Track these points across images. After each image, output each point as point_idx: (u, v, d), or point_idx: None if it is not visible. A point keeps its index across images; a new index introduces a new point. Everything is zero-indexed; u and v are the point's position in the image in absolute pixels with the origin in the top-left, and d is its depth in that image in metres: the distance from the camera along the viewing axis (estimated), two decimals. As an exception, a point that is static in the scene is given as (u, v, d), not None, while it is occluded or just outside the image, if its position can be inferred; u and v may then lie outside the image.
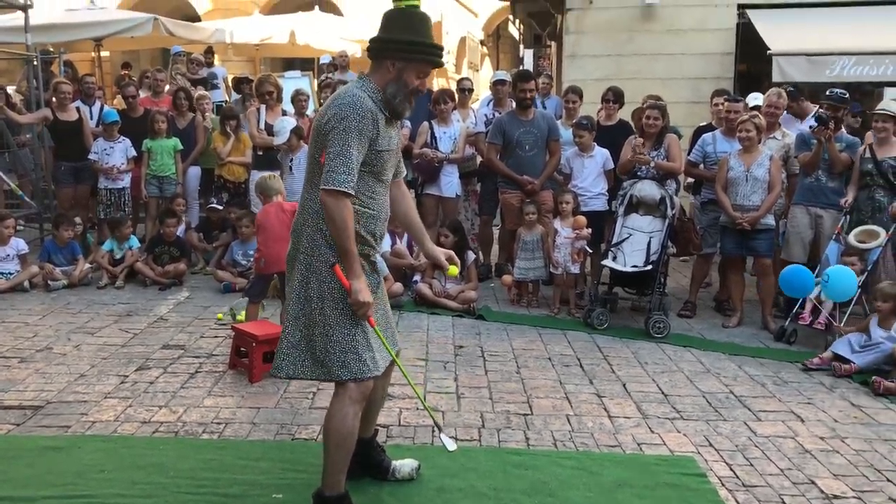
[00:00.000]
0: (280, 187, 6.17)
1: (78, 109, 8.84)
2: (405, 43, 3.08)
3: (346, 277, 3.06)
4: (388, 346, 3.29)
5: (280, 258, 5.74)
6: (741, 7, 10.61)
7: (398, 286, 7.10)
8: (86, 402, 4.65)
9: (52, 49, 12.31)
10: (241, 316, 6.35)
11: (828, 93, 6.89)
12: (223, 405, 4.65)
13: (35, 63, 9.54)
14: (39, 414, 4.46)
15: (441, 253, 3.56)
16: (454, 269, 3.51)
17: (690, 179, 7.76)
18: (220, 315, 6.59)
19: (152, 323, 6.40)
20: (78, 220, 8.20)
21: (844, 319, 6.01)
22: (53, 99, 8.80)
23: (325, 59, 12.95)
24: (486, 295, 7.44)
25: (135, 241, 8.09)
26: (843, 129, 6.86)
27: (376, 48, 3.14)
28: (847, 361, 5.47)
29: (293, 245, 3.23)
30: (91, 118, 9.05)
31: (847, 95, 6.84)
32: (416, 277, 7.41)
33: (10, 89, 11.44)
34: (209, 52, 13.34)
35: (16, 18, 10.68)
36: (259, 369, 5.05)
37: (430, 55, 3.14)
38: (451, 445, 3.50)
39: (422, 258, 7.31)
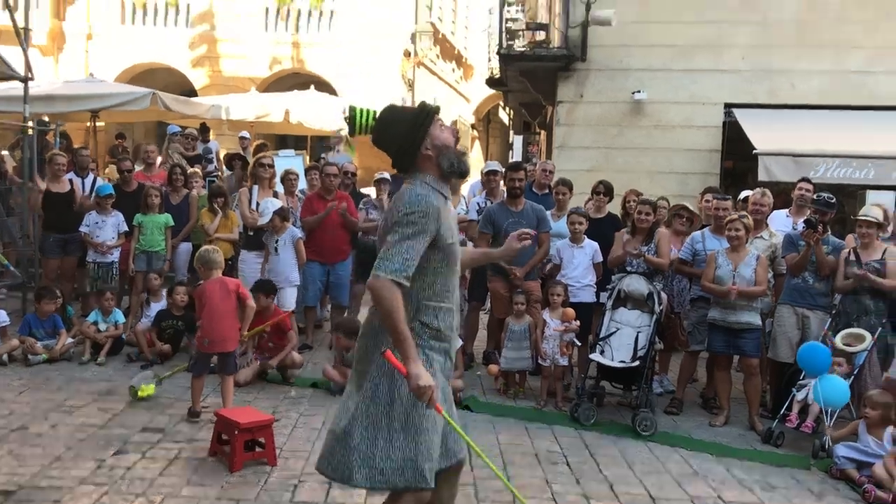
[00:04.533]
0: (221, 262, 6.16)
1: (71, 181, 8.86)
2: (409, 130, 3.18)
3: (401, 363, 3.03)
4: (460, 431, 3.28)
5: (224, 338, 5.87)
6: (728, 106, 10.93)
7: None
8: (60, 488, 4.51)
9: (47, 119, 12.42)
10: (143, 391, 6.30)
11: (815, 197, 7.04)
12: (202, 495, 4.53)
13: (31, 133, 9.59)
14: (11, 500, 4.32)
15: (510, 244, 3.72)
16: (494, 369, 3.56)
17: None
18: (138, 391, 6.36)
19: (133, 402, 6.28)
20: (59, 292, 8.11)
21: (832, 422, 5.98)
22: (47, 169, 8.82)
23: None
24: (473, 383, 7.37)
25: (119, 316, 8.00)
26: (829, 232, 6.97)
27: (404, 152, 3.21)
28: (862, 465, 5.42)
29: (363, 342, 3.23)
30: (83, 190, 9.06)
31: (834, 200, 6.97)
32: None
33: (4, 153, 11.51)
34: (205, 129, 13.52)
35: (14, 87, 10.78)
36: (240, 458, 4.94)
37: (430, 114, 3.24)
38: None
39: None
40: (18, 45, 9.51)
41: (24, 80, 9.69)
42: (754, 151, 9.46)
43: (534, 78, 12.33)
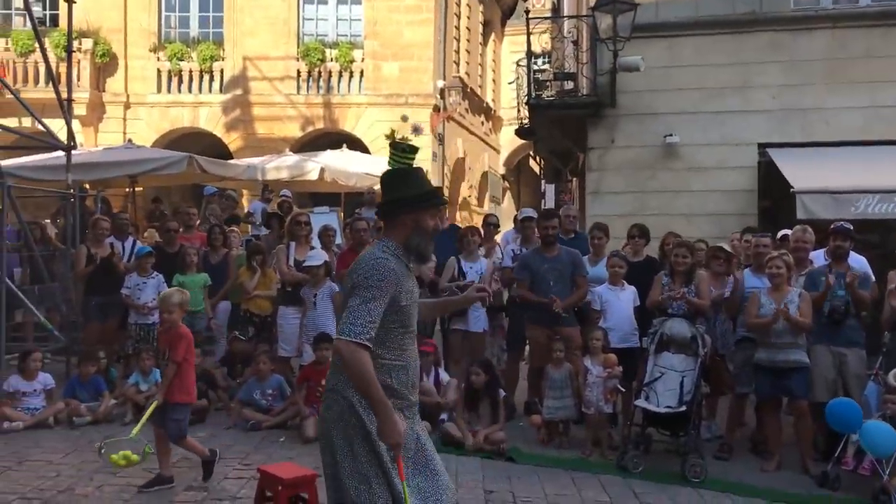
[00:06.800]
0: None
1: (111, 245, 9.01)
2: (413, 197, 3.36)
3: (379, 422, 3.14)
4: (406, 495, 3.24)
5: None
6: (761, 146, 10.84)
7: (425, 425, 6.95)
8: (106, 549, 4.50)
9: (87, 186, 12.73)
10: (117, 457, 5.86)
11: (833, 227, 6.89)
12: (247, 554, 4.48)
13: (73, 200, 9.83)
14: (58, 562, 4.31)
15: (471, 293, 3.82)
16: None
17: None
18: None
19: (175, 462, 6.25)
20: (102, 354, 8.19)
21: (889, 468, 5.75)
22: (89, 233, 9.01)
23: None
24: (515, 435, 7.24)
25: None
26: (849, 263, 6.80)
27: (389, 210, 3.41)
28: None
29: (328, 406, 3.33)
30: (123, 253, 9.21)
31: (851, 227, 6.84)
32: (444, 416, 7.27)
33: (46, 221, 11.78)
34: (266, 189, 13.90)
35: (55, 157, 11.08)
36: (285, 514, 4.89)
37: (436, 200, 3.47)
38: None
39: (449, 395, 7.20)
40: (60, 118, 9.88)
41: (68, 149, 9.98)
42: (792, 190, 9.32)
43: (564, 126, 12.38)
